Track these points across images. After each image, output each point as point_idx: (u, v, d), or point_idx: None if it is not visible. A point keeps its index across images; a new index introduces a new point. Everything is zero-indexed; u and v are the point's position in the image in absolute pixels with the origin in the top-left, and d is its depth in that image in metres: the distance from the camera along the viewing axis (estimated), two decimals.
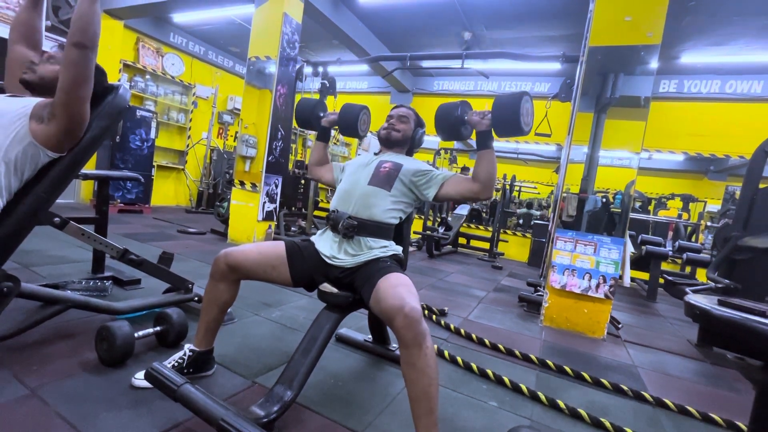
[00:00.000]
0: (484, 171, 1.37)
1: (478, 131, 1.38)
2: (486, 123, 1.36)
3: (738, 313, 0.66)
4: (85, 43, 1.21)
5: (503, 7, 4.67)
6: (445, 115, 1.48)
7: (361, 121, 1.73)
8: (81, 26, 1.20)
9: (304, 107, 1.84)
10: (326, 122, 1.76)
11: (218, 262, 1.31)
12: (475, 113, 1.40)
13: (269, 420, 1.02)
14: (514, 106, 1.31)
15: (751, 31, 4.42)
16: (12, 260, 2.34)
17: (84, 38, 1.21)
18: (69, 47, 1.21)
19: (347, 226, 1.36)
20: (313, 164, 1.79)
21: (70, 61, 1.21)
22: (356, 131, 1.72)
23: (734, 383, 2.11)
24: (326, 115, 1.77)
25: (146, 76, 6.10)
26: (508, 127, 1.33)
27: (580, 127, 2.74)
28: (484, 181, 1.37)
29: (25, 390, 1.18)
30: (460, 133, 1.48)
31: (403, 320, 1.02)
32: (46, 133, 1.25)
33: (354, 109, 1.72)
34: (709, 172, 8.90)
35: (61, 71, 1.23)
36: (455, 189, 1.43)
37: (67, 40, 1.21)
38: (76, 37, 1.20)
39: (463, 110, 1.45)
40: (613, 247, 2.60)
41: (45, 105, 1.26)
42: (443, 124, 1.49)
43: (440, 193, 1.44)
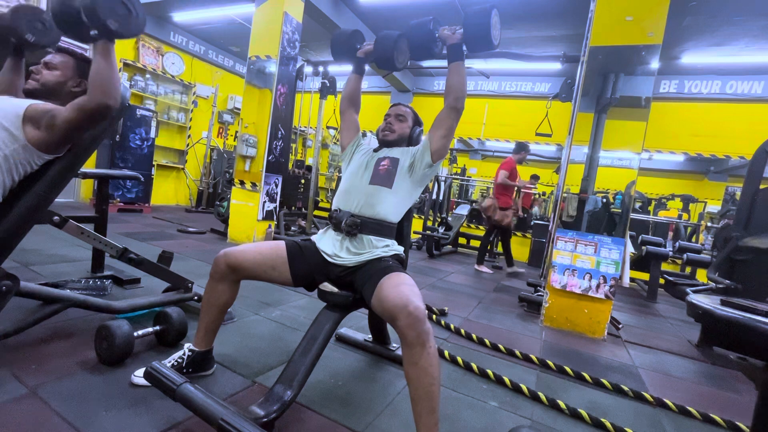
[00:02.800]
0: (456, 82, 1.43)
1: (450, 44, 1.43)
2: (457, 37, 1.42)
3: (741, 313, 0.66)
4: (108, 103, 1.21)
5: (504, 7, 4.67)
6: (416, 32, 1.47)
7: (398, 51, 1.56)
8: (101, 85, 1.20)
9: (339, 38, 1.71)
10: (362, 53, 1.68)
11: (218, 263, 1.31)
12: (446, 28, 1.46)
13: (269, 419, 1.02)
14: (485, 18, 1.34)
15: (752, 32, 4.42)
16: (11, 259, 2.34)
17: (107, 98, 1.20)
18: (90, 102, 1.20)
19: (351, 224, 1.36)
20: (345, 97, 1.73)
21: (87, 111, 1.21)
22: (393, 62, 1.57)
23: (735, 384, 2.11)
24: (362, 46, 1.70)
25: (146, 75, 6.10)
26: (479, 40, 1.36)
27: (581, 127, 2.74)
28: (456, 92, 1.43)
29: (24, 389, 1.18)
30: (432, 50, 1.48)
31: (407, 319, 1.02)
32: (41, 139, 1.25)
33: (390, 36, 1.55)
34: (710, 172, 8.90)
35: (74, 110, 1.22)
36: (438, 132, 1.45)
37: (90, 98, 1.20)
38: (99, 98, 1.20)
39: (434, 26, 1.46)
40: (614, 248, 2.59)
41: (44, 111, 1.25)
42: (416, 42, 1.48)
43: (434, 147, 1.46)
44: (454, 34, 1.43)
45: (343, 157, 1.68)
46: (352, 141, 1.68)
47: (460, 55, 1.42)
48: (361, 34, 1.74)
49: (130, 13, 1.22)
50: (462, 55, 1.42)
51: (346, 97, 1.74)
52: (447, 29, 1.45)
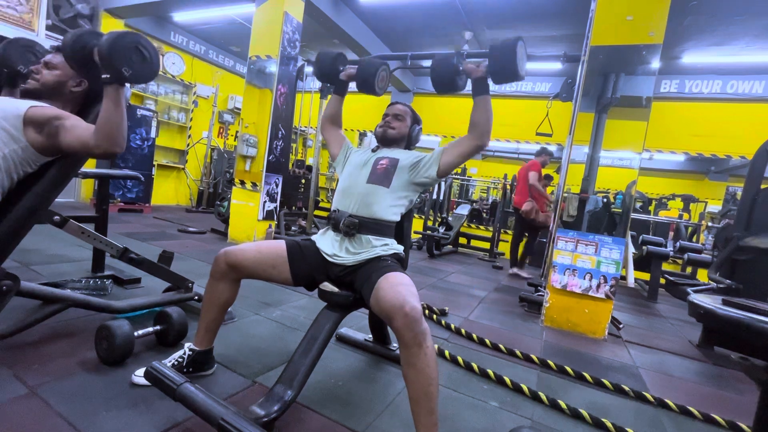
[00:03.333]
0: (482, 117, 1.39)
1: (474, 78, 1.40)
2: (482, 70, 1.38)
3: (743, 313, 0.66)
4: (114, 150, 1.21)
5: (504, 7, 4.66)
6: (440, 66, 1.46)
7: (379, 78, 1.63)
8: (108, 132, 1.19)
9: (324, 60, 1.75)
10: (345, 76, 1.70)
11: (218, 262, 1.31)
12: (470, 61, 1.42)
13: (269, 419, 1.02)
14: (510, 50, 1.31)
15: (753, 31, 4.41)
16: (12, 259, 2.34)
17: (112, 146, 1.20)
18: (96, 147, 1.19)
19: (348, 224, 1.35)
20: (326, 118, 1.76)
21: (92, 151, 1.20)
22: (373, 87, 1.62)
23: (736, 384, 2.11)
24: (345, 68, 1.72)
25: None
26: (506, 72, 1.34)
27: (581, 127, 2.73)
28: (482, 126, 1.39)
29: (25, 389, 1.18)
30: (456, 84, 1.47)
31: (403, 319, 1.02)
32: (42, 144, 1.25)
33: (373, 63, 1.62)
34: (710, 172, 8.90)
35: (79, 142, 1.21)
36: (454, 153, 1.43)
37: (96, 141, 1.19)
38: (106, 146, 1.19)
39: (458, 60, 1.45)
40: (614, 247, 2.59)
41: (48, 119, 1.24)
42: (439, 75, 1.47)
43: (442, 166, 1.44)
44: (479, 68, 1.38)
45: (336, 166, 1.68)
46: (341, 148, 1.69)
47: (486, 89, 1.38)
48: (344, 57, 1.77)
49: (144, 59, 1.19)
50: (487, 89, 1.39)
51: (327, 118, 1.76)
52: (471, 63, 1.42)
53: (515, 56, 1.31)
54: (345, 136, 1.74)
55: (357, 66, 1.65)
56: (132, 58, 1.16)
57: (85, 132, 1.22)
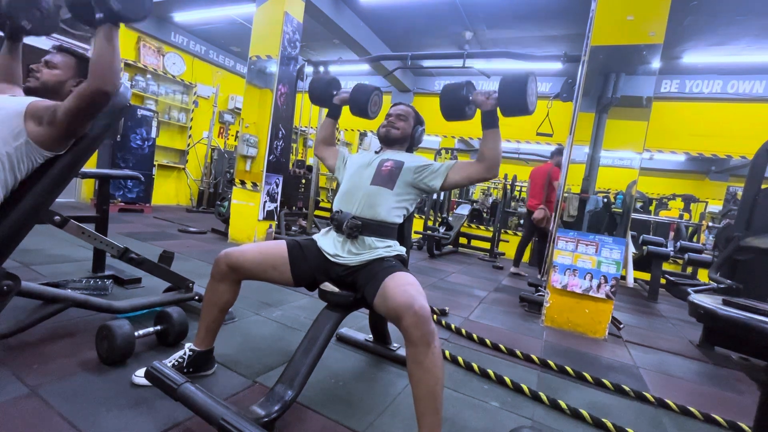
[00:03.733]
0: (490, 150, 1.38)
1: (484, 111, 1.39)
2: (491, 103, 1.37)
3: (744, 313, 0.66)
4: (107, 89, 1.18)
5: (504, 7, 4.66)
6: (450, 95, 1.47)
7: (371, 102, 1.70)
8: (101, 70, 1.16)
9: (318, 84, 1.80)
10: (338, 100, 1.75)
11: (219, 263, 1.30)
12: (480, 93, 1.41)
13: (270, 419, 1.02)
14: (520, 85, 1.30)
15: (753, 31, 4.41)
16: (12, 259, 2.34)
17: (105, 84, 1.17)
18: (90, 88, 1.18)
19: (351, 226, 1.35)
20: (320, 141, 1.79)
21: (86, 97, 1.19)
22: (366, 112, 1.69)
23: (737, 384, 2.11)
24: (339, 93, 1.76)
25: (147, 75, 6.10)
26: (515, 107, 1.33)
27: (582, 127, 2.73)
28: (490, 160, 1.38)
29: (25, 389, 1.18)
30: (464, 113, 1.48)
31: (412, 318, 1.02)
32: (42, 136, 1.24)
33: (366, 89, 1.69)
34: (711, 172, 8.89)
35: (73, 98, 1.20)
36: (461, 174, 1.43)
37: (89, 83, 1.17)
38: (98, 84, 1.17)
39: (468, 90, 1.45)
40: (615, 247, 2.59)
41: (46, 108, 1.25)
42: (448, 104, 1.48)
43: (447, 182, 1.44)
44: (488, 100, 1.37)
45: (336, 173, 1.69)
46: (337, 158, 1.71)
47: (495, 122, 1.37)
48: (337, 82, 1.82)
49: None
50: (497, 123, 1.37)
51: (321, 140, 1.79)
52: (481, 94, 1.40)
53: (525, 91, 1.30)
54: (337, 148, 1.77)
55: (350, 91, 1.71)
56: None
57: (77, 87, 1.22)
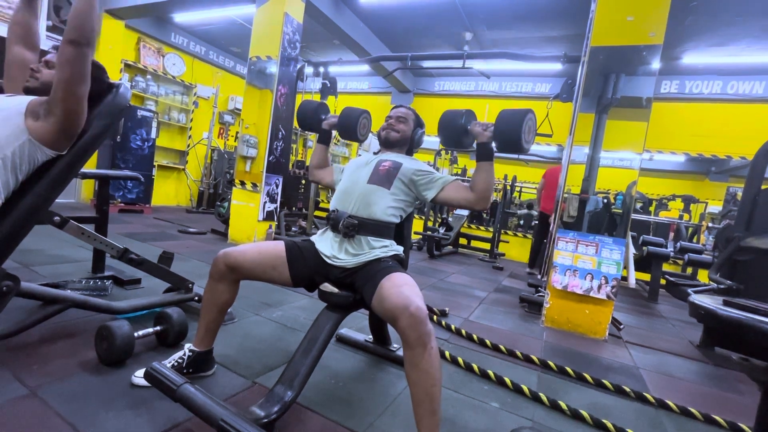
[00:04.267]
0: (481, 182, 1.37)
1: (479, 142, 1.39)
2: (488, 135, 1.37)
3: (744, 314, 0.65)
4: (80, 41, 1.18)
5: (504, 8, 4.66)
6: (448, 122, 1.49)
7: (360, 126, 1.75)
8: (77, 23, 1.18)
9: (305, 109, 1.85)
10: (327, 125, 1.78)
11: (217, 262, 1.30)
12: (478, 124, 1.41)
13: (269, 420, 1.02)
14: (516, 122, 1.31)
15: (753, 32, 4.41)
16: (12, 259, 2.34)
17: (79, 35, 1.18)
18: (64, 44, 1.18)
19: (347, 225, 1.35)
20: (314, 167, 1.79)
21: (65, 59, 1.19)
22: (355, 135, 1.75)
23: (737, 384, 2.11)
24: (327, 117, 1.78)
25: (147, 76, 6.10)
26: (509, 143, 1.34)
27: (582, 127, 2.73)
28: (481, 192, 1.38)
29: (25, 389, 1.18)
30: (462, 142, 1.49)
31: (408, 320, 1.01)
32: (42, 129, 1.24)
33: (354, 113, 1.74)
34: (711, 173, 8.89)
35: (56, 69, 1.21)
36: (454, 195, 1.43)
37: (63, 37, 1.19)
38: (72, 35, 1.18)
39: (467, 119, 1.46)
40: (615, 248, 2.59)
41: (41, 102, 1.26)
42: (446, 131, 1.50)
43: (439, 196, 1.43)
44: (485, 131, 1.37)
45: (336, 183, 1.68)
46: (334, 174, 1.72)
47: (489, 155, 1.37)
48: (326, 107, 1.87)
49: None
50: (491, 156, 1.37)
51: (315, 166, 1.79)
52: (479, 125, 1.40)
53: (521, 129, 1.30)
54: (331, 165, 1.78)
55: (339, 115, 1.74)
56: None
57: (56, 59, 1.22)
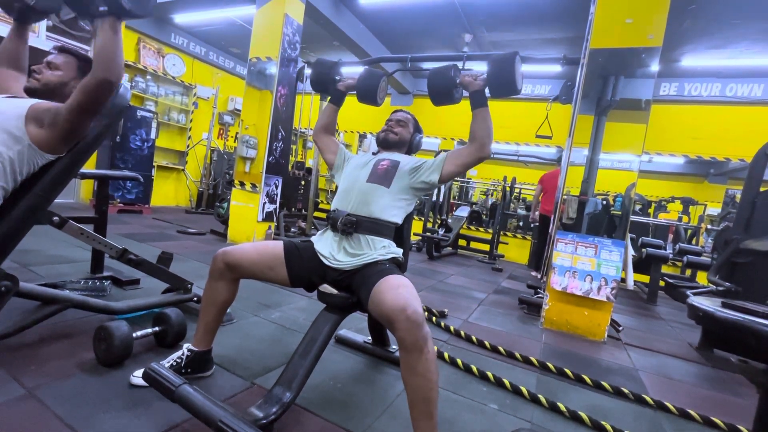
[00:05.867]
0: (481, 128, 1.39)
1: (472, 91, 1.41)
2: (479, 83, 1.39)
3: (743, 316, 0.66)
4: (111, 79, 1.18)
5: (504, 9, 4.67)
6: (437, 79, 1.47)
7: (380, 89, 1.67)
8: (105, 61, 1.17)
9: (320, 69, 1.75)
10: (343, 87, 1.70)
11: (216, 261, 1.30)
12: (467, 74, 1.43)
13: (268, 421, 1.02)
14: (509, 64, 1.32)
15: (752, 35, 4.42)
16: (10, 259, 2.33)
17: (110, 74, 1.18)
18: (94, 80, 1.17)
19: (346, 223, 1.35)
20: (320, 128, 1.73)
21: (90, 90, 1.18)
22: (375, 98, 1.66)
23: (736, 387, 2.11)
24: (343, 79, 1.71)
25: (147, 76, 6.10)
26: (505, 86, 1.34)
27: (581, 129, 2.74)
28: (482, 139, 1.39)
29: (23, 390, 1.18)
30: (452, 96, 1.48)
31: (404, 323, 1.00)
32: (44, 137, 1.24)
33: (374, 74, 1.66)
34: (710, 175, 8.91)
35: (77, 94, 1.20)
36: (456, 162, 1.43)
37: (93, 74, 1.18)
38: (103, 75, 1.17)
39: (455, 73, 1.45)
40: (614, 249, 2.59)
41: (46, 109, 1.25)
42: (435, 88, 1.48)
43: (444, 173, 1.44)
44: (476, 80, 1.40)
45: (335, 173, 1.66)
46: (337, 154, 1.67)
47: (484, 102, 1.39)
48: (339, 66, 1.77)
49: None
50: (485, 101, 1.39)
51: (321, 127, 1.73)
52: (468, 76, 1.42)
53: (514, 70, 1.31)
54: (339, 143, 1.73)
55: (358, 77, 1.66)
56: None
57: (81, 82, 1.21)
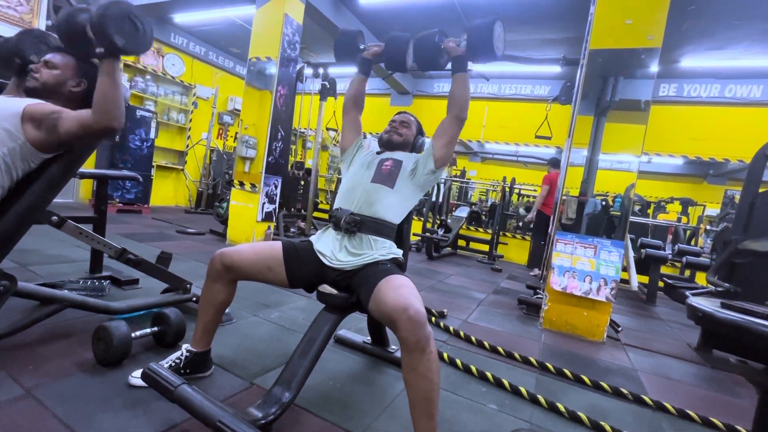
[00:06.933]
0: (459, 92, 1.45)
1: (454, 56, 1.46)
2: (461, 49, 1.44)
3: (742, 316, 0.66)
4: (113, 126, 1.21)
5: (503, 10, 4.68)
6: (423, 43, 1.49)
7: (408, 54, 1.58)
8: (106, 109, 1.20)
9: (344, 38, 1.71)
10: (369, 54, 1.66)
11: (214, 262, 1.30)
12: (450, 40, 1.47)
13: (267, 422, 1.01)
14: (487, 30, 1.36)
15: (751, 36, 4.43)
16: (9, 259, 2.33)
17: (111, 121, 1.21)
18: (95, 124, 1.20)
19: (349, 222, 1.35)
20: (350, 98, 1.72)
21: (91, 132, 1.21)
22: (404, 64, 1.58)
23: (734, 387, 2.11)
24: (368, 47, 1.69)
25: (146, 76, 6.10)
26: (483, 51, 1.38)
27: (580, 130, 2.74)
28: (460, 103, 1.45)
29: (21, 390, 1.17)
30: (438, 62, 1.50)
31: (406, 323, 1.00)
32: (41, 139, 1.25)
33: (401, 38, 1.58)
34: (709, 176, 8.93)
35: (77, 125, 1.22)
36: (444, 138, 1.48)
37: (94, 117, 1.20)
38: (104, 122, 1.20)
39: (440, 38, 1.48)
40: (613, 250, 2.59)
41: (46, 113, 1.24)
42: (422, 52, 1.50)
43: (437, 153, 1.47)
44: (458, 47, 1.45)
45: (343, 159, 1.67)
46: (354, 142, 1.68)
47: (464, 67, 1.45)
48: (363, 35, 1.74)
49: (137, 29, 1.20)
50: (465, 67, 1.45)
51: (350, 98, 1.73)
52: (452, 41, 1.47)
53: (492, 35, 1.35)
54: (361, 128, 1.73)
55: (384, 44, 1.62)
56: (124, 28, 1.16)
57: (83, 114, 1.24)
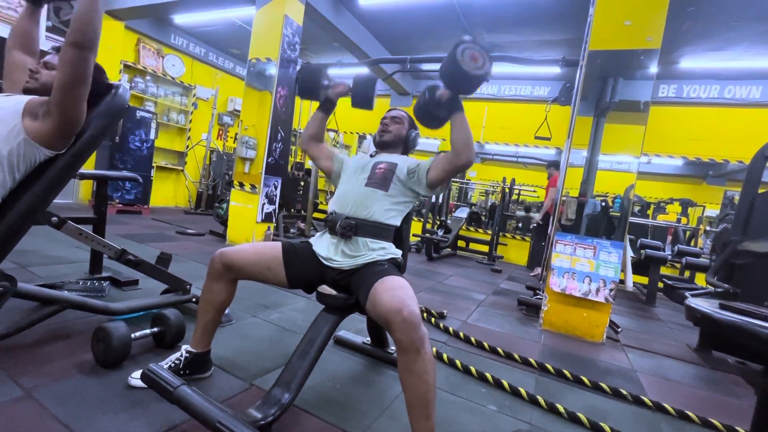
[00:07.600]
0: (458, 135, 1.36)
1: (444, 102, 1.36)
2: (447, 92, 1.34)
3: (740, 317, 0.66)
4: (83, 44, 1.18)
5: (503, 11, 4.68)
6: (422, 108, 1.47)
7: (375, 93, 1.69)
8: (80, 26, 1.18)
9: (307, 74, 1.70)
10: (335, 95, 1.64)
11: (214, 262, 1.30)
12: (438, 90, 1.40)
13: (266, 423, 1.01)
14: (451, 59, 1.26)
15: (750, 37, 4.44)
16: (9, 260, 2.33)
17: (82, 38, 1.18)
18: (66, 47, 1.18)
19: (344, 226, 1.35)
20: (309, 136, 1.67)
21: (67, 61, 1.19)
22: (371, 103, 1.68)
23: (734, 388, 2.11)
24: (333, 85, 1.67)
25: (146, 77, 6.10)
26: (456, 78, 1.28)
27: (580, 131, 2.74)
28: (461, 146, 1.35)
29: (20, 391, 1.17)
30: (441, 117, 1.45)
31: (401, 324, 1.00)
32: (40, 130, 1.24)
33: (370, 79, 1.65)
34: (708, 176, 8.92)
35: (57, 70, 1.21)
36: (438, 169, 1.43)
37: (66, 39, 1.19)
38: (74, 37, 1.18)
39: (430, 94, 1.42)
40: (613, 251, 2.59)
41: (40, 103, 1.26)
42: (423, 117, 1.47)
43: (429, 181, 1.44)
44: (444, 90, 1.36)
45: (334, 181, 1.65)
46: (333, 161, 1.66)
47: (457, 107, 1.34)
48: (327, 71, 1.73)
49: None
50: (458, 107, 1.34)
51: (311, 137, 1.68)
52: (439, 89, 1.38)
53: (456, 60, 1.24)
54: (334, 151, 1.71)
55: (352, 83, 1.65)
56: None
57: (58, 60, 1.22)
